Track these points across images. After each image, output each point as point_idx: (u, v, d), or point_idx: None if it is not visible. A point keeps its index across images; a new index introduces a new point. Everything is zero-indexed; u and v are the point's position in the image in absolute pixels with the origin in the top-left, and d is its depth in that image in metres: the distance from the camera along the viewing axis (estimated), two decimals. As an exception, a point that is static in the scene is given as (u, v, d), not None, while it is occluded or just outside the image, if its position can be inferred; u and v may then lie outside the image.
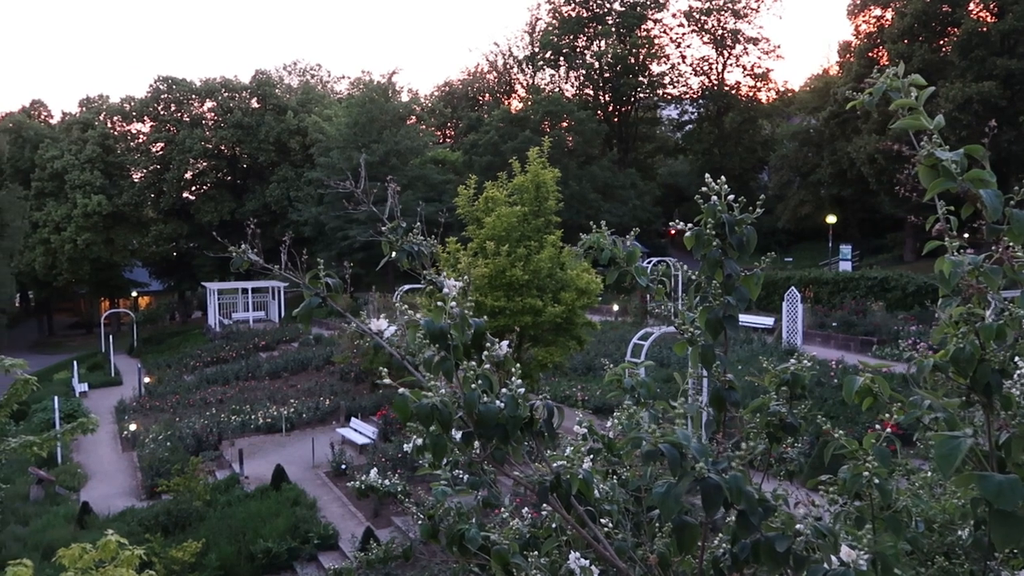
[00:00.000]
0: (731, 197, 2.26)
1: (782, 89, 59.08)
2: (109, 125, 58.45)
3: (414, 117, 59.04)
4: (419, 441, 2.37)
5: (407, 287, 28.88)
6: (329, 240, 48.67)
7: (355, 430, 23.31)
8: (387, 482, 4.05)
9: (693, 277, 2.53)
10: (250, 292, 46.88)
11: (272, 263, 2.59)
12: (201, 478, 19.81)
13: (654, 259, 35.83)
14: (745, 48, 57.38)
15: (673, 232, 58.57)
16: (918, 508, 3.12)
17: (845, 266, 37.13)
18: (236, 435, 24.77)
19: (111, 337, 42.25)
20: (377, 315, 2.55)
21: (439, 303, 2.14)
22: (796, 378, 2.37)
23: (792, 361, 2.42)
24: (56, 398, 26.26)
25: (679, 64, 59.61)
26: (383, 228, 2.37)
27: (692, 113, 62.00)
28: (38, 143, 56.71)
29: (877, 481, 1.96)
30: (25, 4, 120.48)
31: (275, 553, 16.14)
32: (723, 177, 2.37)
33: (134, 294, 63.55)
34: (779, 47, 58.05)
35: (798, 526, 1.93)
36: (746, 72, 58.05)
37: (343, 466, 20.45)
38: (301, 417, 26.04)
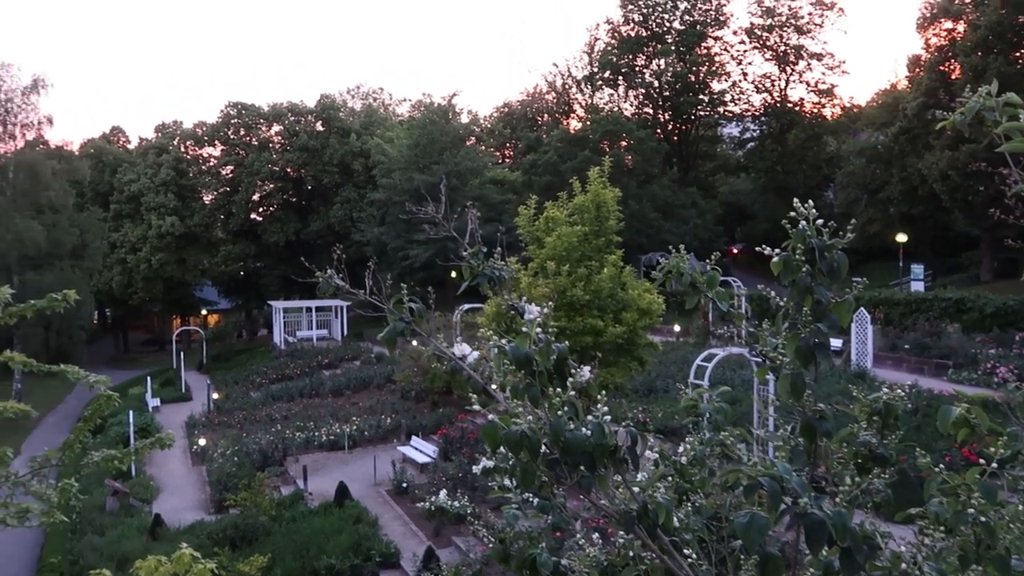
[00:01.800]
0: (820, 221, 2.22)
1: (848, 105, 57.76)
2: (182, 149, 60.76)
3: (474, 138, 59.72)
4: (489, 463, 2.37)
5: (467, 306, 29.08)
6: (390, 259, 49.41)
7: (416, 448, 23.48)
8: (455, 504, 4.06)
9: (761, 297, 2.48)
10: (314, 311, 47.87)
11: (331, 268, 2.64)
12: (267, 493, 20.20)
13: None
14: (809, 64, 56.38)
15: (736, 251, 57.62)
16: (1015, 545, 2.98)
17: (917, 286, 35.88)
18: (300, 451, 25.22)
19: (182, 354, 43.65)
20: (455, 338, 2.58)
21: (523, 329, 2.15)
22: (888, 408, 2.29)
23: (884, 391, 2.35)
24: (131, 412, 27.19)
25: (740, 81, 58.93)
26: (464, 253, 2.39)
27: (754, 131, 61.12)
28: (117, 167, 59.30)
29: (984, 519, 1.88)
30: (108, 35, 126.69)
31: (338, 570, 16.31)
32: (808, 202, 2.32)
33: (204, 312, 65.66)
34: (844, 62, 56.73)
35: (903, 565, 1.86)
36: (810, 88, 56.99)
37: (404, 484, 20.59)
38: (363, 435, 26.37)
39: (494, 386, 2.38)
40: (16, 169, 43.80)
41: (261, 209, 62.18)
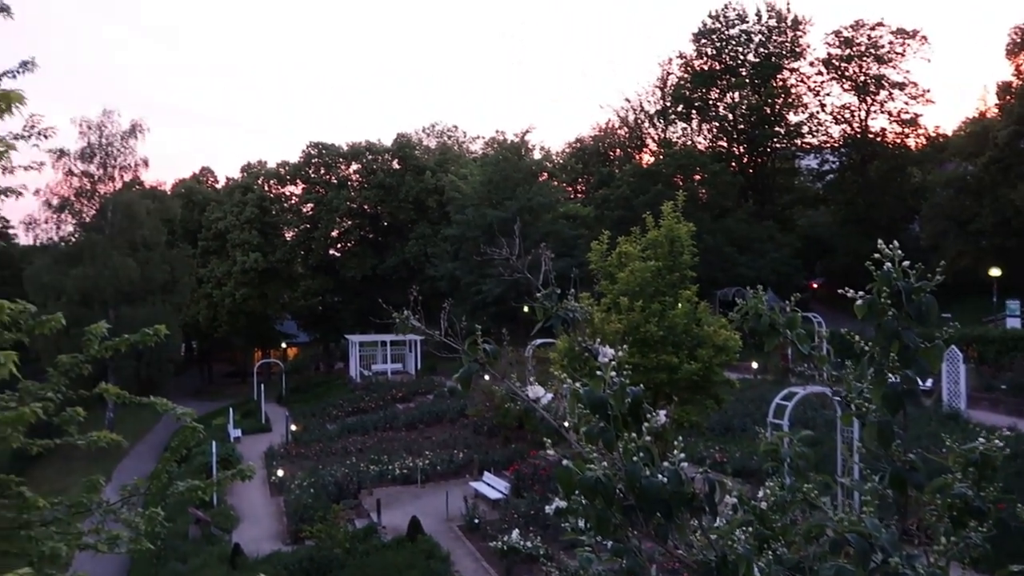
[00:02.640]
0: (906, 263, 2.13)
1: (933, 134, 55.73)
2: (266, 188, 63.24)
3: (546, 173, 60.20)
4: (562, 503, 2.34)
5: (540, 341, 29.04)
6: (464, 294, 49.94)
7: (488, 484, 23.41)
8: (528, 544, 4.01)
9: (844, 339, 2.39)
10: (389, 345, 48.67)
11: (408, 309, 2.68)
12: (342, 526, 20.44)
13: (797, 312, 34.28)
14: (890, 93, 54.82)
15: (816, 285, 55.93)
16: None
17: (1013, 323, 33.99)
18: (374, 484, 25.48)
19: (262, 386, 44.94)
20: (528, 375, 2.58)
21: (597, 372, 2.13)
22: (986, 459, 2.16)
23: (981, 440, 2.22)
24: (214, 443, 28.06)
25: (818, 113, 57.74)
26: (538, 294, 2.40)
27: (833, 162, 59.56)
28: (205, 206, 62.12)
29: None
30: (200, 80, 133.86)
31: (410, 605, 16.31)
32: (893, 242, 2.24)
33: (283, 345, 67.58)
34: (928, 91, 54.84)
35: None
36: (892, 118, 55.33)
37: (476, 520, 20.52)
38: (436, 469, 26.47)
39: (567, 425, 2.37)
40: (114, 209, 46.39)
41: (339, 245, 63.97)
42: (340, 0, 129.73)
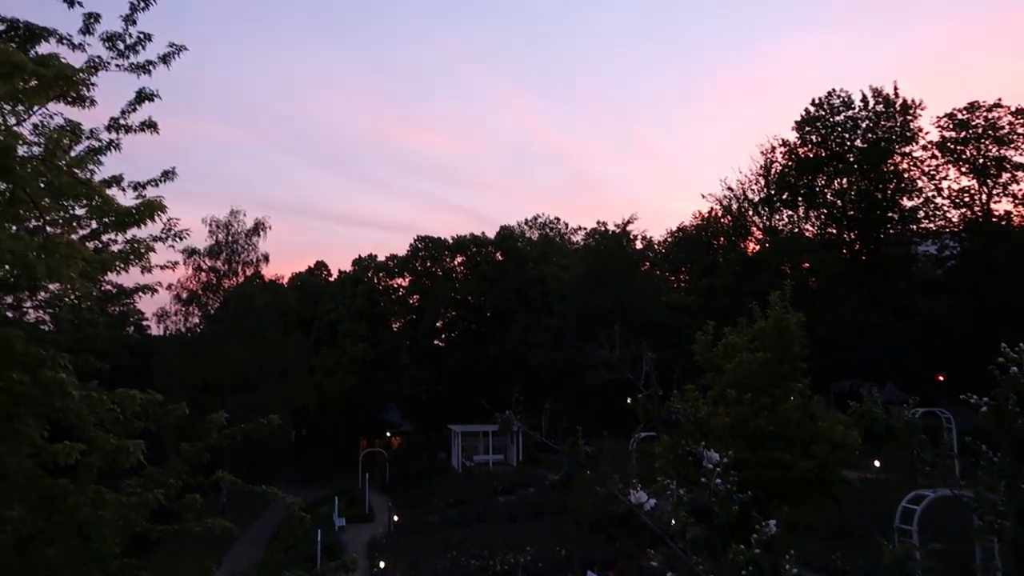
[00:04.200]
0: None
1: (1065, 216, 52.40)
2: (375, 280, 65.85)
3: (648, 263, 60.05)
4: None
5: (643, 434, 28.28)
6: (565, 384, 49.60)
7: (590, 584, 22.53)
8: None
9: (972, 447, 2.23)
10: (490, 435, 48.58)
11: (510, 409, 2.69)
12: (441, 622, 20.02)
13: (919, 409, 32.07)
14: (1014, 175, 52.23)
15: (942, 377, 52.37)
16: None
17: None
18: (474, 580, 24.98)
19: (367, 475, 45.50)
20: (630, 471, 2.53)
21: (702, 478, 2.08)
22: None
23: None
24: (319, 531, 28.39)
25: (934, 197, 55.49)
26: (639, 396, 2.39)
27: (954, 247, 56.67)
28: (318, 298, 65.13)
29: None
30: (317, 180, 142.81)
31: None
32: (1020, 345, 2.12)
33: (388, 434, 68.58)
34: (1057, 171, 51.96)
35: None
36: (1017, 201, 52.49)
37: (578, 622, 19.69)
38: (537, 566, 25.74)
39: (671, 531, 2.29)
40: (236, 301, 49.33)
41: (443, 335, 65.32)
42: (437, 103, 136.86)
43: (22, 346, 5.37)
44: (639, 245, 61.12)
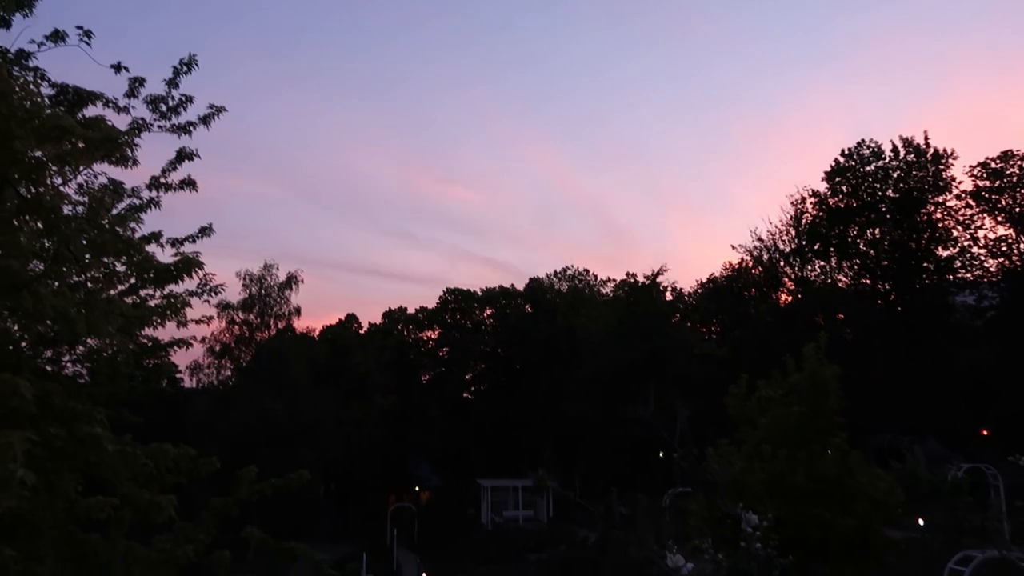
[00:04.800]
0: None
1: (1108, 265, 51.23)
2: (405, 333, 66.18)
3: (678, 315, 59.65)
4: None
5: (677, 491, 27.68)
6: (597, 437, 48.96)
7: (624, 647, 21.83)
8: None
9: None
10: (520, 491, 47.90)
11: (539, 462, 2.65)
12: None
13: (964, 465, 31.00)
14: (1052, 224, 51.38)
15: (986, 432, 50.76)
16: None
17: None
18: (504, 641, 24.37)
19: (395, 530, 44.99)
20: (664, 531, 2.47)
21: (742, 543, 2.02)
22: None
23: None
24: (346, 588, 28.00)
25: (970, 246, 54.67)
26: (675, 456, 2.34)
27: (993, 298, 55.53)
28: (349, 350, 65.49)
29: None
30: (346, 234, 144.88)
31: None
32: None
33: (416, 489, 67.95)
34: (1097, 219, 51.02)
35: None
36: (1057, 250, 51.53)
37: None
38: (568, 627, 25.09)
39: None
40: (267, 355, 49.80)
41: (472, 388, 65.13)
42: (466, 157, 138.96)
43: (60, 400, 5.46)
44: (669, 296, 60.80)
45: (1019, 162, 51.99)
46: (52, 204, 4.95)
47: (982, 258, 54.34)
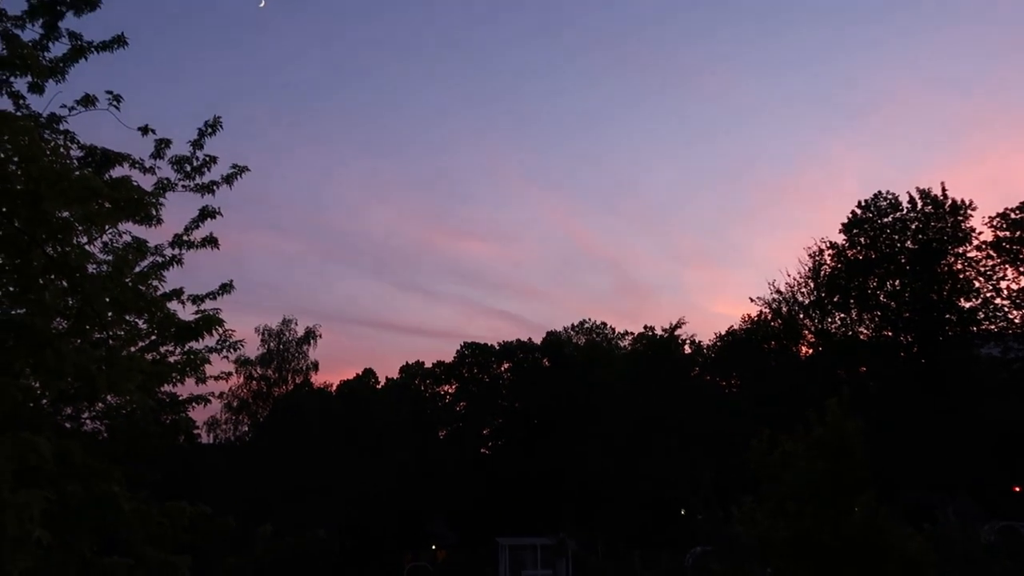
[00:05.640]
0: None
1: None
2: (422, 387, 65.99)
3: (697, 368, 59.13)
4: None
5: (700, 549, 27.02)
6: (617, 491, 48.10)
7: None
8: None
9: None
10: (539, 549, 46.90)
11: (558, 516, 2.60)
12: None
13: (997, 523, 30.13)
14: (1076, 274, 50.80)
15: (1018, 488, 49.35)
16: None
17: None
18: None
19: (411, 590, 44.06)
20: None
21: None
22: None
23: None
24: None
25: (993, 298, 54.06)
26: (699, 518, 2.29)
27: (1019, 350, 54.61)
28: (366, 405, 65.29)
29: None
30: (362, 287, 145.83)
31: None
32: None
33: (433, 547, 66.78)
34: (1122, 269, 50.39)
35: None
36: (1083, 300, 50.82)
37: None
38: None
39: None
40: (285, 411, 49.74)
41: (489, 443, 64.50)
42: (482, 211, 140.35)
43: (79, 458, 5.46)
44: (688, 349, 60.37)
45: (1039, 212, 51.73)
46: (77, 263, 5.04)
47: (1006, 309, 53.68)
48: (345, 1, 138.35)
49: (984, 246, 54.28)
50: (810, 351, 56.31)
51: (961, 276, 54.66)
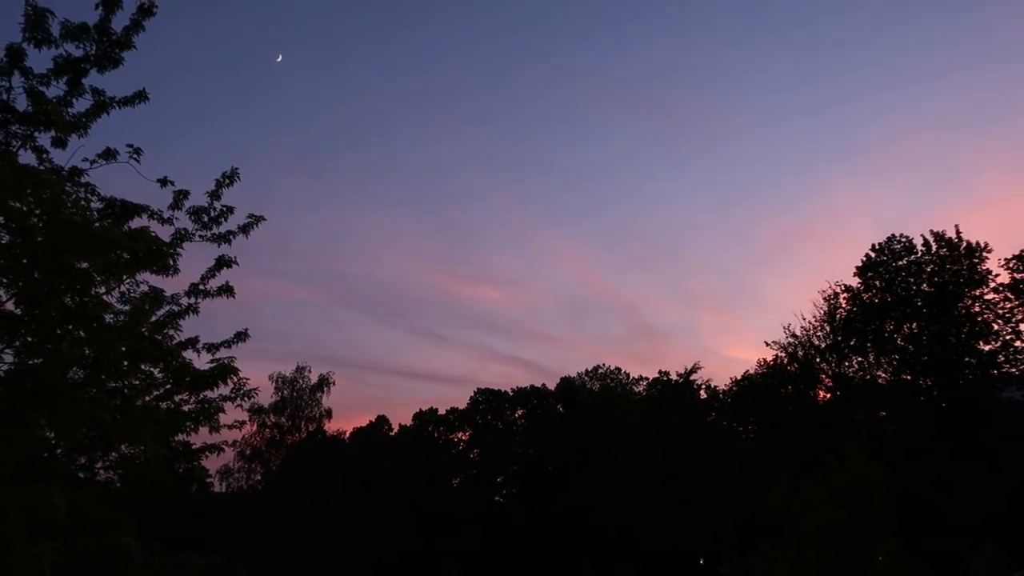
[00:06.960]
0: None
1: None
2: (436, 435, 65.47)
3: (714, 413, 58.42)
4: None
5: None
6: (633, 540, 47.17)
7: None
8: None
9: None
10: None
11: (577, 567, 2.55)
12: None
13: (1026, 572, 29.23)
14: (1096, 316, 50.10)
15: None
16: None
17: None
18: None
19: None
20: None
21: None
22: None
23: None
24: None
25: (1012, 340, 53.33)
26: (721, 571, 2.25)
27: (1041, 393, 53.66)
28: (379, 452, 64.80)
29: None
30: (376, 335, 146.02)
31: None
32: None
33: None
34: None
35: None
36: (1104, 342, 50.02)
37: None
38: None
39: None
40: (298, 459, 49.42)
41: (504, 491, 63.65)
42: (495, 257, 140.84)
43: (91, 509, 5.45)
44: (703, 394, 59.74)
45: (1056, 254, 51.31)
46: (95, 313, 5.10)
47: (1026, 352, 52.88)
48: (358, 58, 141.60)
49: (1001, 288, 53.76)
50: (827, 395, 55.54)
51: (979, 319, 54.05)
